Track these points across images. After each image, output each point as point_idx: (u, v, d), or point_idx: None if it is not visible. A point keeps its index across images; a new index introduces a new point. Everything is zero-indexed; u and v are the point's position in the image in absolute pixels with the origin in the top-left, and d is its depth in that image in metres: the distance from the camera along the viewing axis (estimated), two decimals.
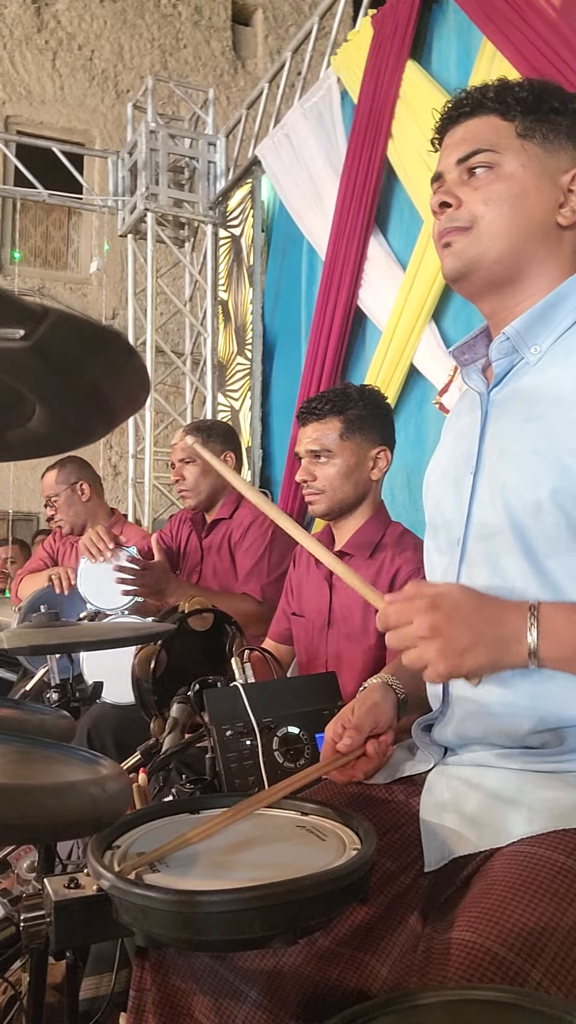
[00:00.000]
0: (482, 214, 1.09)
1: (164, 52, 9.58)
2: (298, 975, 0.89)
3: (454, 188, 1.12)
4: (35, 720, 1.17)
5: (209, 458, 1.25)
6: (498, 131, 1.10)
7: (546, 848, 0.91)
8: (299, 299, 4.39)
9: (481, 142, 1.10)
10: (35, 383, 0.67)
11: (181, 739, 1.56)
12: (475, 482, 1.11)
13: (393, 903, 0.97)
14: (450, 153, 1.13)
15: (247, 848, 0.93)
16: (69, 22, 9.19)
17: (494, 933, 0.81)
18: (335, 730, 1.17)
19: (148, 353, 5.53)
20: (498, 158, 1.09)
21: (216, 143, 5.69)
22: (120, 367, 0.67)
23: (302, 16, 9.85)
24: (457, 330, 3.20)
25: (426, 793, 1.10)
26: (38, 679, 1.97)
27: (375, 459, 1.97)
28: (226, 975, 0.89)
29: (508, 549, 1.04)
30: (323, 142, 4.06)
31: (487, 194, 1.09)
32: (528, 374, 1.10)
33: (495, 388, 1.14)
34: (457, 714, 1.10)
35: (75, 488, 3.32)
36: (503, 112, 1.10)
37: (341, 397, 1.96)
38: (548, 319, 1.09)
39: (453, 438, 1.23)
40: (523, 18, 2.75)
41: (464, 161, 1.11)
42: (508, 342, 1.11)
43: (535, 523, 1.02)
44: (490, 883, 0.89)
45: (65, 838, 1.61)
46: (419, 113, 3.29)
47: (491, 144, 1.10)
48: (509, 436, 1.08)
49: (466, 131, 1.13)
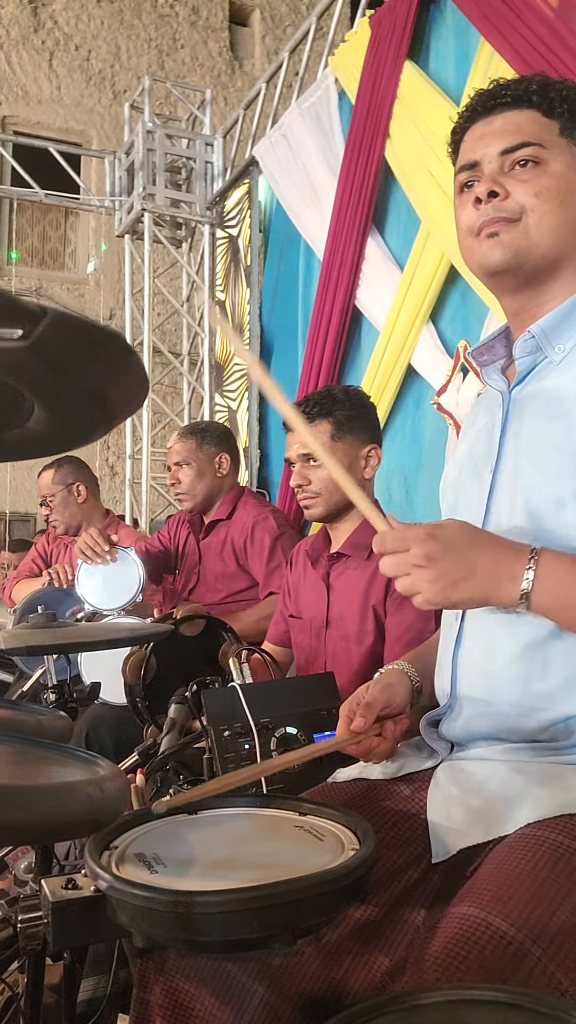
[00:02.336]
0: (532, 207, 1.08)
1: (161, 52, 9.58)
2: (304, 971, 0.89)
3: (500, 178, 1.10)
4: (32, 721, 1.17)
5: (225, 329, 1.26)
6: (543, 127, 1.09)
7: (551, 831, 0.91)
8: (296, 299, 4.39)
9: (528, 135, 1.09)
10: (33, 383, 0.66)
11: (179, 740, 1.55)
12: (495, 479, 1.12)
13: (400, 898, 0.97)
14: (490, 142, 1.11)
15: (245, 849, 0.93)
16: (66, 22, 9.19)
17: (496, 908, 0.81)
18: (350, 707, 1.17)
19: (145, 353, 5.52)
20: (545, 154, 1.08)
21: (213, 143, 5.69)
22: (118, 367, 0.67)
23: (300, 16, 9.85)
24: (455, 330, 3.20)
25: (433, 788, 1.10)
26: (35, 679, 1.97)
27: (367, 458, 1.97)
28: (231, 971, 0.89)
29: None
30: (320, 142, 4.06)
31: (538, 187, 1.08)
32: (552, 373, 1.11)
33: (517, 386, 1.15)
34: (465, 710, 1.10)
35: (71, 489, 3.31)
36: (547, 109, 1.10)
37: (328, 399, 1.96)
38: (574, 319, 1.10)
39: (472, 438, 1.24)
40: (521, 18, 2.75)
41: (509, 152, 1.10)
42: (533, 340, 1.11)
43: (556, 521, 1.02)
44: (495, 864, 0.90)
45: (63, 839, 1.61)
46: (417, 113, 3.30)
47: (538, 139, 1.09)
48: (532, 434, 1.09)
49: (507, 122, 1.11)
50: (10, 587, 3.60)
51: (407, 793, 1.12)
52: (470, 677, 1.11)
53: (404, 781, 1.15)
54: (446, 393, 3.13)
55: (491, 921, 0.79)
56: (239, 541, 2.66)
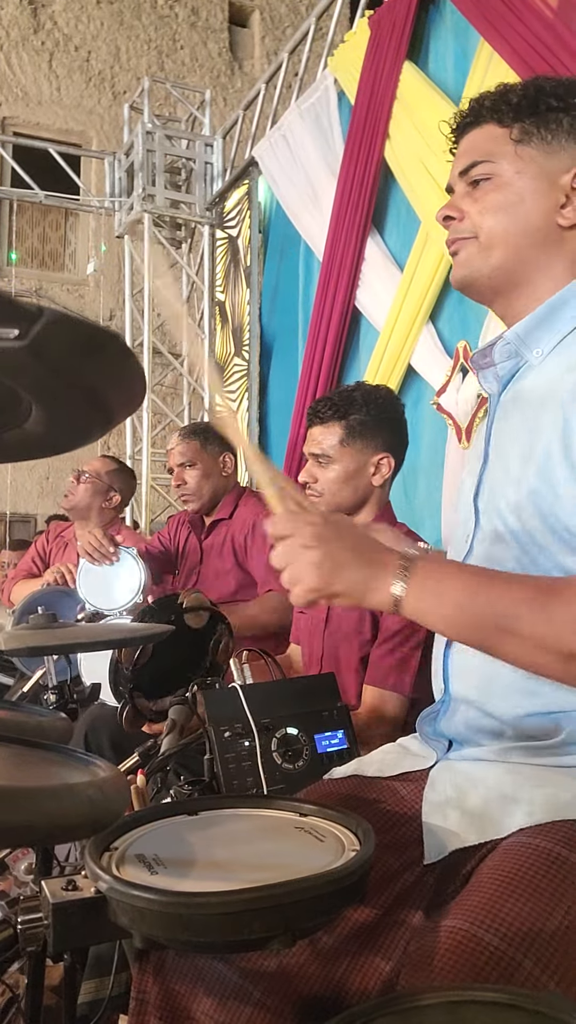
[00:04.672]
0: (481, 224, 1.12)
1: (161, 53, 9.59)
2: (301, 973, 0.89)
3: (458, 201, 1.16)
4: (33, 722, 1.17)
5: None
6: (495, 139, 1.12)
7: (543, 839, 0.91)
8: (296, 300, 4.39)
9: (478, 153, 1.13)
10: (31, 383, 0.66)
11: (179, 741, 1.55)
12: (480, 481, 1.14)
13: (396, 900, 0.97)
14: (455, 165, 1.17)
15: (246, 849, 0.93)
16: (66, 23, 9.19)
17: (487, 922, 0.81)
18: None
19: (145, 354, 5.53)
20: (494, 168, 1.12)
21: (213, 144, 5.69)
22: (116, 368, 0.67)
23: (299, 17, 9.85)
24: (454, 331, 3.20)
25: (429, 789, 1.10)
26: (35, 680, 1.96)
27: (376, 465, 1.95)
28: (228, 974, 0.89)
29: (503, 550, 1.06)
30: (320, 143, 4.06)
31: (483, 204, 1.12)
32: (529, 376, 1.13)
33: (502, 391, 1.17)
34: (459, 709, 1.11)
35: (107, 496, 3.28)
36: (499, 119, 1.12)
37: (345, 401, 1.94)
38: (551, 322, 1.11)
39: (475, 440, 1.27)
40: (520, 19, 2.75)
41: (465, 173, 1.15)
42: (510, 345, 1.14)
43: (520, 523, 1.04)
44: (486, 874, 0.90)
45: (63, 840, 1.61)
46: (416, 114, 3.30)
47: (487, 154, 1.12)
48: (505, 438, 1.12)
49: (467, 143, 1.16)
50: (9, 587, 3.59)
51: (403, 794, 1.12)
52: (462, 676, 1.11)
53: (400, 780, 1.15)
54: (445, 393, 3.13)
55: (481, 936, 0.80)
56: (240, 539, 2.66)
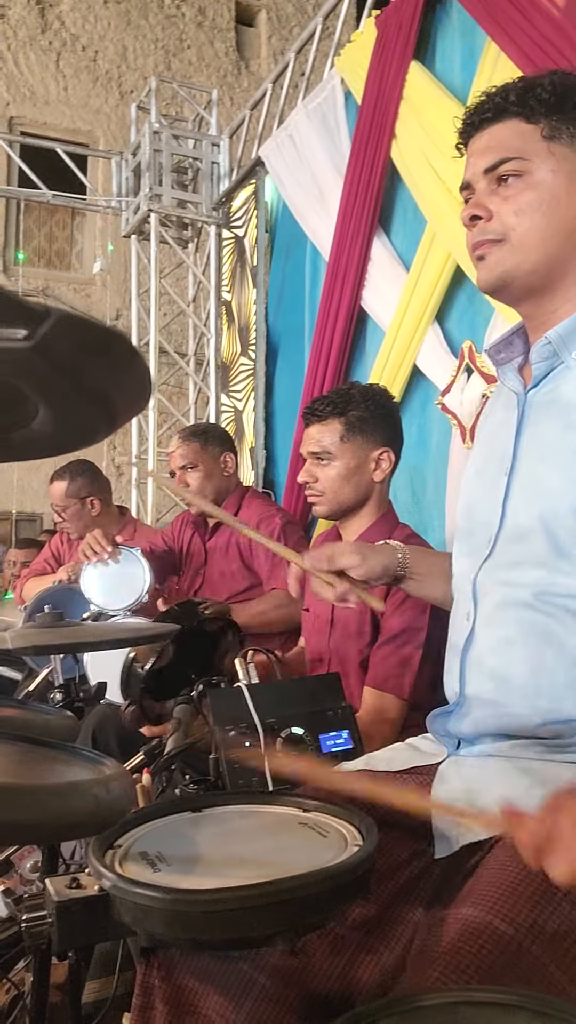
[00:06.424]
0: (514, 226, 1.07)
1: (168, 53, 9.59)
2: (308, 965, 0.89)
3: (483, 199, 1.10)
4: (39, 720, 1.17)
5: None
6: (524, 136, 1.07)
7: None
8: (303, 300, 4.38)
9: (507, 150, 1.08)
10: (38, 383, 0.67)
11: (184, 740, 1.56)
12: (510, 482, 1.11)
13: (403, 891, 0.98)
14: (476, 162, 1.11)
15: (249, 846, 0.93)
16: (73, 23, 9.20)
17: (495, 908, 0.81)
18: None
19: (151, 354, 5.53)
20: (527, 165, 1.07)
21: (219, 144, 5.69)
22: (122, 368, 0.67)
23: (306, 17, 9.84)
24: (461, 331, 3.19)
25: (438, 783, 1.10)
26: (42, 679, 1.97)
27: (377, 461, 1.95)
28: (234, 968, 0.89)
29: (535, 552, 1.05)
30: (326, 143, 4.06)
31: (517, 204, 1.07)
32: (568, 379, 1.10)
33: (533, 389, 1.14)
34: (474, 710, 1.11)
35: (85, 503, 3.31)
36: (527, 115, 1.08)
37: (343, 398, 1.95)
38: None
39: (487, 436, 1.24)
40: (527, 18, 2.74)
41: (492, 170, 1.09)
42: (550, 346, 1.11)
43: (557, 526, 1.02)
44: (496, 865, 0.90)
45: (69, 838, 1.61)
46: (423, 114, 3.29)
47: (518, 151, 1.07)
48: (550, 440, 1.08)
49: (491, 138, 1.10)
50: (21, 585, 3.62)
51: (412, 786, 1.13)
52: (480, 679, 1.11)
53: (409, 775, 1.15)
54: (450, 393, 3.12)
55: (491, 921, 0.80)
56: (244, 539, 2.66)
